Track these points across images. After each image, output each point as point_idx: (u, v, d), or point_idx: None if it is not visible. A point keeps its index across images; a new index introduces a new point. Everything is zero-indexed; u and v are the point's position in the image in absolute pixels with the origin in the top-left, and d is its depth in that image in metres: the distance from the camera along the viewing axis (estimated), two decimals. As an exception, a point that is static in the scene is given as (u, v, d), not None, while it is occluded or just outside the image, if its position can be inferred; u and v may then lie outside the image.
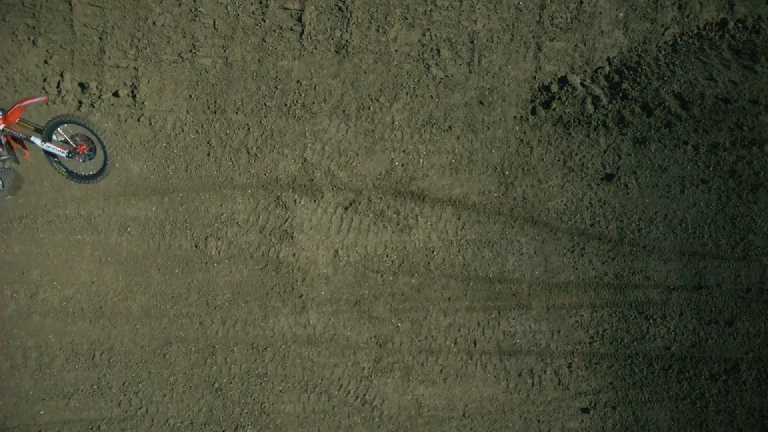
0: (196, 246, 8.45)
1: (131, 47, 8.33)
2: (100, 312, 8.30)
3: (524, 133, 8.84)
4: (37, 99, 7.03)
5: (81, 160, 6.97)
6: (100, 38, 8.25)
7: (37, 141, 6.81)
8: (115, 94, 8.41)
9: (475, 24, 8.63)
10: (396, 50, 8.60)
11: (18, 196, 8.24)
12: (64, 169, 7.14)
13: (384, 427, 8.41)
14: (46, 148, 6.84)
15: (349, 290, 8.50)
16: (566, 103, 8.82)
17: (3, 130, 6.65)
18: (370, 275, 8.54)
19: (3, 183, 6.96)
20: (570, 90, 8.82)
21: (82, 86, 8.37)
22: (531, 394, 8.51)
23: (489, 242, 8.68)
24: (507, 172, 8.79)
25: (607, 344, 8.57)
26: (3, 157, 6.88)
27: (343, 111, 8.60)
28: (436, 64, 8.66)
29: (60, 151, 6.88)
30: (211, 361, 8.36)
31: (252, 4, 8.33)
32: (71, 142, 6.89)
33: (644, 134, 8.73)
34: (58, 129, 6.85)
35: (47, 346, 8.21)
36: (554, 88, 8.86)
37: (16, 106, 6.80)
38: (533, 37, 8.73)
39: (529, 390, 8.52)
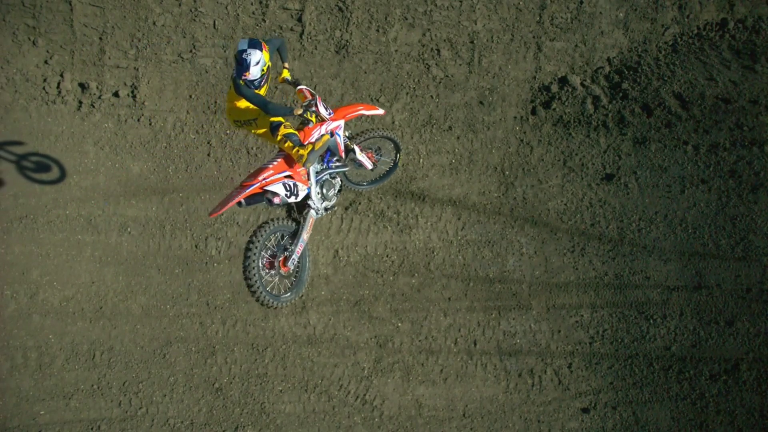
0: (196, 246, 8.45)
1: (131, 47, 8.33)
2: (101, 312, 8.29)
3: (524, 133, 8.84)
4: (379, 111, 6.54)
5: (358, 167, 6.65)
6: (100, 38, 8.25)
7: (357, 149, 6.41)
8: (115, 95, 8.41)
9: (475, 24, 8.63)
10: (396, 50, 8.60)
11: (18, 196, 8.25)
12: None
13: (384, 427, 8.41)
14: (360, 158, 6.50)
15: (349, 290, 8.50)
16: (566, 103, 8.82)
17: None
18: (370, 275, 8.54)
19: (337, 191, 6.45)
20: (570, 90, 8.82)
21: (82, 86, 8.37)
22: (531, 394, 8.51)
23: (489, 242, 8.68)
24: (507, 172, 8.79)
25: (607, 344, 8.57)
26: (344, 168, 6.36)
27: (343, 111, 8.60)
28: (436, 64, 8.67)
29: (368, 161, 6.56)
30: (211, 361, 8.36)
31: (252, 4, 8.33)
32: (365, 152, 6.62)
33: (644, 134, 8.73)
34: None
35: (47, 346, 8.20)
36: (554, 88, 8.86)
37: (358, 111, 6.40)
38: (533, 37, 8.73)
39: (529, 390, 8.51)
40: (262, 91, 5.65)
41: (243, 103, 5.70)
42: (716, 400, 8.40)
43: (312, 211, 6.16)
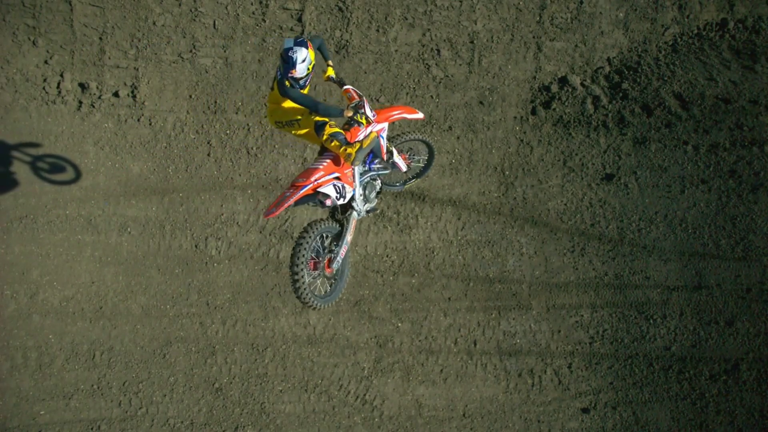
0: (196, 246, 8.45)
1: (131, 47, 8.33)
2: (100, 312, 8.29)
3: (524, 133, 8.84)
4: (419, 115, 6.36)
5: (393, 168, 6.49)
6: (100, 38, 8.26)
7: (395, 151, 6.26)
8: (115, 95, 8.41)
9: (475, 24, 8.64)
10: (396, 50, 8.60)
11: (18, 196, 8.25)
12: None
13: (384, 427, 8.41)
14: (396, 159, 6.34)
15: (350, 290, 8.50)
16: (566, 103, 8.82)
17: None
18: (371, 275, 8.54)
19: (377, 193, 6.32)
20: (570, 90, 8.82)
21: (82, 86, 8.37)
22: (531, 394, 8.51)
23: (489, 242, 8.68)
24: (507, 172, 8.79)
25: (607, 344, 8.57)
26: (385, 171, 6.27)
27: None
28: (436, 64, 8.66)
29: (403, 163, 6.42)
30: (211, 361, 8.36)
31: (252, 4, 8.33)
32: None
33: (644, 134, 8.73)
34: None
35: (47, 346, 8.20)
36: (554, 88, 8.86)
37: (401, 115, 6.25)
38: (533, 37, 8.74)
39: (529, 390, 8.52)
40: (305, 92, 5.64)
41: (288, 104, 5.66)
42: (716, 400, 8.40)
43: (354, 213, 6.07)
